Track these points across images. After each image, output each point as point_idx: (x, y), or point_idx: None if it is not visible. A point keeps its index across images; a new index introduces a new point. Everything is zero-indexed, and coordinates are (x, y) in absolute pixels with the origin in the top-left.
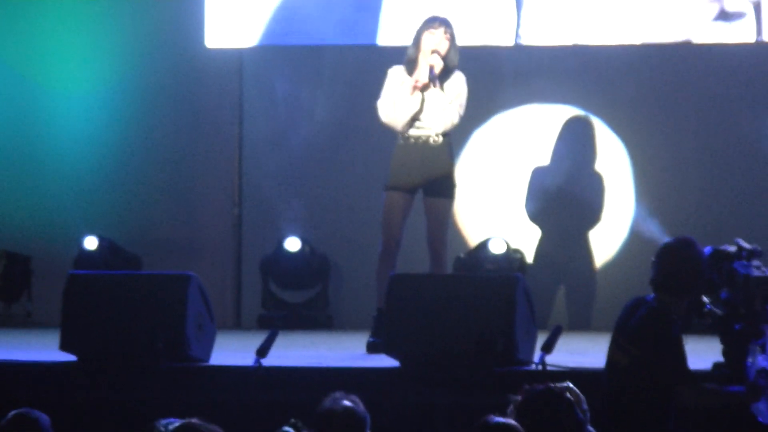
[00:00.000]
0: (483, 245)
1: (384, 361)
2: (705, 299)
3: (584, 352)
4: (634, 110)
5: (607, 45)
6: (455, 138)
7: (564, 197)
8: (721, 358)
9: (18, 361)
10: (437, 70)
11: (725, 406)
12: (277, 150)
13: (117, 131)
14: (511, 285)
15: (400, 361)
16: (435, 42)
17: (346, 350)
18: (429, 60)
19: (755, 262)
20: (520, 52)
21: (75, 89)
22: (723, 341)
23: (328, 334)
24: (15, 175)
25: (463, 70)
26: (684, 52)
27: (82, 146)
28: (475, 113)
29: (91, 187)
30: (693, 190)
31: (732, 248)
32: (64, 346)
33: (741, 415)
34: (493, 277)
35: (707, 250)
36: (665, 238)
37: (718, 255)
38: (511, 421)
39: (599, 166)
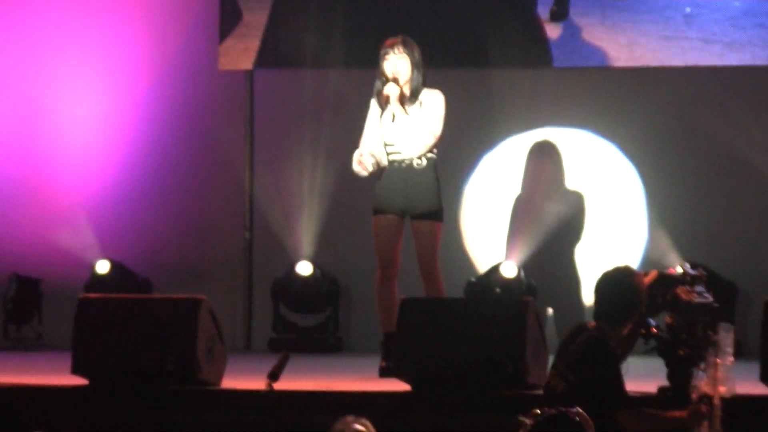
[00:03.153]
0: (494, 269)
1: (395, 384)
2: (652, 322)
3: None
4: (646, 133)
5: (616, 67)
6: (465, 161)
7: (569, 223)
8: (666, 382)
9: (29, 384)
10: (394, 97)
11: (667, 431)
12: (287, 173)
13: (128, 154)
14: (521, 308)
15: (411, 385)
16: (392, 66)
17: (356, 373)
18: (385, 90)
19: (698, 288)
20: (532, 74)
21: (86, 112)
22: (667, 365)
23: (338, 358)
24: (26, 198)
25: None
26: (697, 75)
27: (93, 169)
28: (484, 136)
29: (102, 210)
30: (705, 215)
31: (677, 273)
32: (76, 370)
33: None
34: (503, 300)
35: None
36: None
37: (663, 280)
38: None
39: (607, 191)
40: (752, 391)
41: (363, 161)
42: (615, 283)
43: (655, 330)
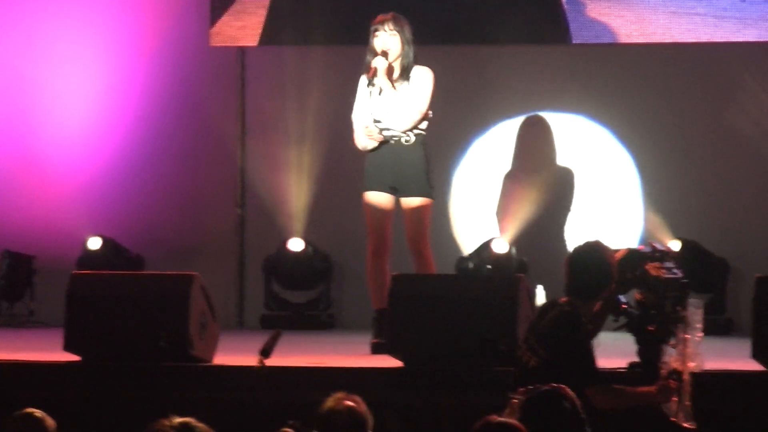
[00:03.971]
0: (485, 246)
1: (387, 361)
2: (622, 299)
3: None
4: (638, 113)
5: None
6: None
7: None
8: (636, 358)
9: (21, 361)
10: (381, 70)
11: (637, 407)
12: (279, 150)
13: (119, 130)
14: (513, 285)
15: (403, 362)
16: (382, 43)
17: (348, 350)
18: (373, 63)
19: (668, 264)
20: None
21: (77, 88)
22: (637, 341)
23: (330, 334)
24: (17, 175)
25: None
26: (691, 52)
27: (85, 146)
28: (474, 119)
29: (94, 187)
30: (697, 192)
31: (646, 249)
32: (68, 347)
33: (652, 416)
34: (495, 277)
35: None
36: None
37: (633, 256)
38: (513, 421)
39: (600, 170)
40: (744, 367)
41: (371, 132)
42: (586, 258)
43: (624, 306)
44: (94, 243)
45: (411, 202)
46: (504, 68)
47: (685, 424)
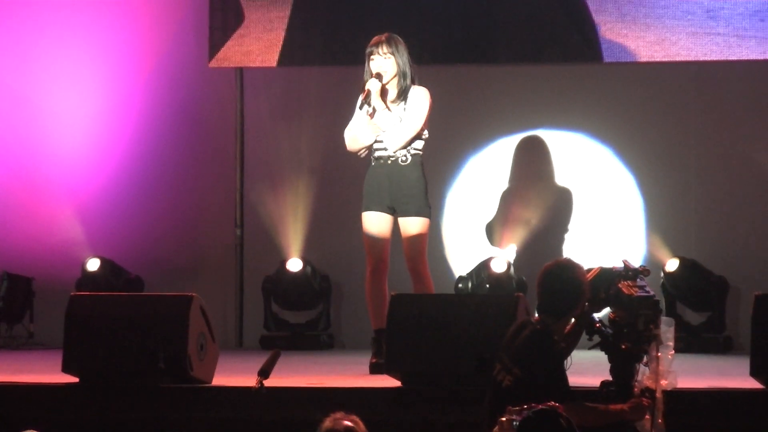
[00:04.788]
0: (483, 265)
1: (385, 381)
2: (596, 317)
3: (584, 371)
4: (639, 131)
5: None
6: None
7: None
8: (609, 377)
9: (20, 383)
10: (375, 92)
11: (610, 425)
12: (277, 171)
13: (118, 151)
14: (511, 304)
15: (402, 381)
16: (377, 65)
17: (347, 370)
18: (367, 85)
19: (640, 282)
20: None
21: (76, 109)
22: (610, 360)
23: (329, 354)
24: (16, 196)
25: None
26: (692, 71)
27: (84, 167)
28: (471, 137)
29: (93, 208)
30: (699, 212)
31: (619, 268)
32: (67, 368)
33: None
34: (493, 295)
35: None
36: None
37: (605, 275)
38: None
39: (600, 189)
40: (743, 385)
41: (373, 124)
42: (557, 276)
43: (598, 325)
44: (93, 264)
45: (409, 221)
46: (503, 87)
47: None
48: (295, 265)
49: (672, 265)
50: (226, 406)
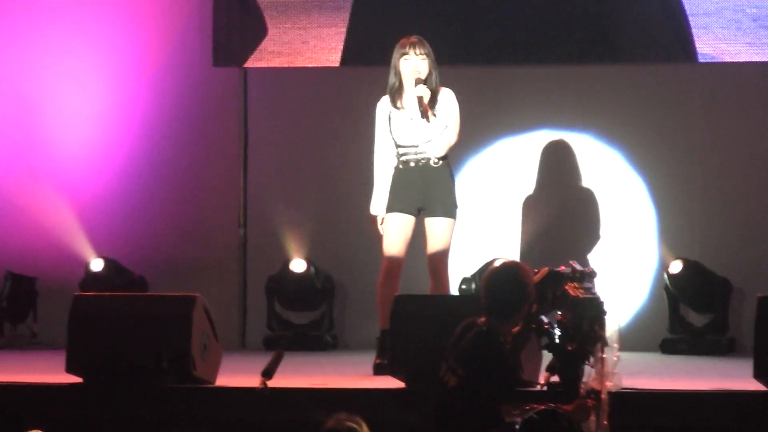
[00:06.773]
0: (487, 266)
1: (389, 382)
2: (544, 319)
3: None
4: (646, 132)
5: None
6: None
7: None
8: (556, 378)
9: (24, 383)
10: (426, 99)
11: None
12: (281, 171)
13: (122, 151)
14: None
15: (405, 382)
16: (412, 66)
17: (350, 371)
18: (416, 93)
19: (586, 284)
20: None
21: (79, 109)
22: (557, 361)
23: (333, 355)
24: (20, 196)
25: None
26: (701, 72)
27: (87, 167)
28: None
29: (96, 208)
30: (702, 213)
31: (566, 270)
32: (70, 368)
33: None
34: None
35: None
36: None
37: (552, 276)
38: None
39: (605, 189)
40: (746, 387)
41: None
42: (503, 277)
43: (547, 326)
44: (97, 264)
45: (437, 222)
46: (508, 88)
47: None
48: (298, 265)
49: (675, 266)
50: (230, 406)
